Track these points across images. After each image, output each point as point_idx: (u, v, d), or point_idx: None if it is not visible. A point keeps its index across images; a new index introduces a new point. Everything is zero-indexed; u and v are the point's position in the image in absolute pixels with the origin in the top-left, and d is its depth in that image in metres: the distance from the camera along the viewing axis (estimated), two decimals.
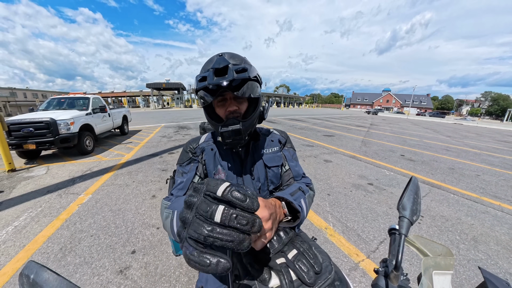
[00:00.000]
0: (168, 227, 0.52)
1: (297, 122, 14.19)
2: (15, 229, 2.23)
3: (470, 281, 1.70)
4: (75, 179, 3.60)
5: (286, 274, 0.46)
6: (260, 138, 0.82)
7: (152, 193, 3.06)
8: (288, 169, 0.82)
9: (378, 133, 10.44)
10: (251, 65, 0.66)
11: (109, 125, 6.71)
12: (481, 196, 3.36)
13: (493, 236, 2.33)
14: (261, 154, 0.79)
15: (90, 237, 2.10)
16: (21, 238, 2.10)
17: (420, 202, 0.50)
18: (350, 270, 1.76)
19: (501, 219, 2.70)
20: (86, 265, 1.76)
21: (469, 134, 13.16)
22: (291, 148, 0.88)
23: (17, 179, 3.60)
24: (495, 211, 2.89)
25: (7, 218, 2.43)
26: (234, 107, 0.68)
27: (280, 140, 0.86)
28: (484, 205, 3.07)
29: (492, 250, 2.09)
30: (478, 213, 2.83)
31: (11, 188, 3.24)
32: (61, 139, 4.54)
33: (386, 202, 2.93)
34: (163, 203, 0.64)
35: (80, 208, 2.65)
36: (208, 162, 0.76)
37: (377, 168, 4.53)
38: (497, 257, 1.99)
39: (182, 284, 1.60)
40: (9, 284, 1.59)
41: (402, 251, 0.40)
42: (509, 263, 1.92)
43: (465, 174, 4.48)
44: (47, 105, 5.96)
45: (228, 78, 0.58)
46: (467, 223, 2.55)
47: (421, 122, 21.67)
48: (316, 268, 0.45)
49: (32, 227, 2.27)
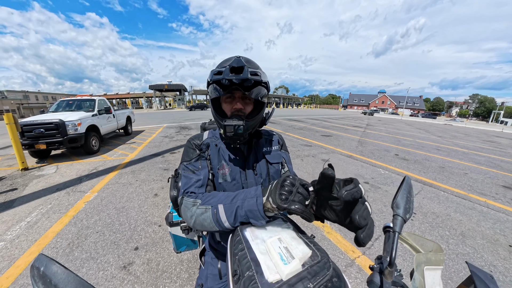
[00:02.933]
0: (208, 221, 0.56)
1: (296, 122, 14.18)
2: (27, 225, 2.26)
3: (459, 274, 1.73)
4: (82, 177, 3.61)
5: None
6: (262, 137, 0.84)
7: (155, 192, 3.05)
8: (287, 170, 0.84)
9: (374, 133, 10.47)
10: (264, 73, 0.69)
11: (113, 125, 6.69)
12: (469, 193, 3.40)
13: (479, 231, 2.36)
14: (263, 152, 0.80)
15: (95, 234, 2.11)
16: (32, 233, 2.12)
17: (413, 201, 0.51)
18: (347, 266, 1.76)
19: (486, 214, 2.74)
20: (92, 260, 1.77)
21: (458, 134, 13.25)
22: (287, 152, 0.90)
23: (29, 177, 3.63)
24: (481, 207, 2.93)
25: (21, 214, 2.47)
26: (240, 106, 0.69)
27: (279, 141, 0.88)
28: (472, 201, 3.11)
29: (478, 244, 2.12)
30: (466, 209, 2.86)
31: (24, 185, 3.28)
32: (69, 139, 4.57)
33: (381, 200, 2.96)
34: (187, 201, 0.62)
35: (87, 206, 2.65)
36: (213, 157, 0.76)
37: (373, 167, 4.55)
38: (482, 251, 2.03)
39: (183, 280, 1.60)
40: (22, 276, 1.61)
41: (396, 248, 0.41)
42: (493, 256, 1.96)
43: (454, 172, 4.52)
44: (56, 107, 5.97)
45: (242, 77, 0.61)
46: (456, 219, 2.58)
47: (414, 123, 21.74)
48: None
49: (43, 223, 2.29)
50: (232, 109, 0.70)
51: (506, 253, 2.00)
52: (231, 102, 0.71)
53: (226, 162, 0.75)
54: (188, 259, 1.81)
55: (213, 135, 0.82)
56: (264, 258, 0.42)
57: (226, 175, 0.74)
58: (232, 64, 0.63)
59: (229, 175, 0.74)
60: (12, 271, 1.65)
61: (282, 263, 0.39)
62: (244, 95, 0.69)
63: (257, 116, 0.71)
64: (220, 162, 0.76)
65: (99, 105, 6.04)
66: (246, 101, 0.71)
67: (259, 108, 0.74)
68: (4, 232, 2.14)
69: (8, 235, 2.08)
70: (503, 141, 11.17)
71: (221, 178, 0.74)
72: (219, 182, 0.74)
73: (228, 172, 0.74)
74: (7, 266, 1.70)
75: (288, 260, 0.40)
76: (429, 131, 13.87)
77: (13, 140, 3.86)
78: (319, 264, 0.39)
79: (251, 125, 0.69)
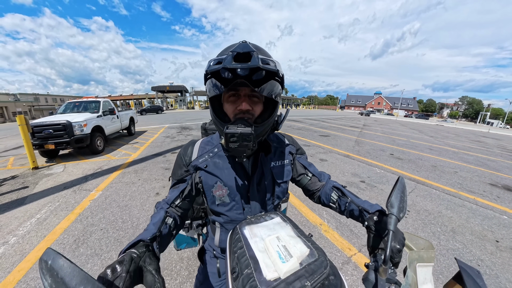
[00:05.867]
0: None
1: (295, 122, 14.12)
2: (37, 221, 2.29)
3: (449, 268, 1.74)
4: (87, 176, 3.60)
5: None
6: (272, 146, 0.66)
7: (156, 191, 3.05)
8: (311, 176, 0.70)
9: (370, 133, 10.46)
10: (278, 62, 0.49)
11: (117, 126, 6.67)
12: (459, 191, 3.42)
13: (469, 227, 2.38)
14: (270, 168, 0.64)
15: (100, 231, 2.11)
16: (42, 229, 2.14)
17: (406, 200, 0.51)
18: (343, 264, 1.75)
19: (475, 211, 2.76)
20: (96, 256, 1.77)
21: (449, 134, 13.30)
22: (303, 154, 0.76)
23: (39, 176, 3.67)
24: (470, 205, 2.95)
25: (31, 211, 2.50)
26: (247, 107, 0.52)
27: (291, 151, 0.71)
28: (461, 199, 3.13)
29: (467, 240, 2.14)
30: (456, 206, 2.88)
31: (35, 184, 3.33)
32: (76, 140, 4.59)
33: (376, 199, 2.96)
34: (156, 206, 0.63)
35: (92, 204, 2.64)
36: (205, 178, 0.61)
37: (369, 166, 4.55)
38: (471, 246, 2.04)
39: (183, 277, 1.59)
40: (32, 270, 1.63)
41: (390, 246, 0.41)
42: (481, 251, 1.98)
43: (445, 171, 4.54)
44: (64, 108, 5.97)
45: (251, 65, 0.43)
46: (447, 216, 2.59)
47: (408, 123, 21.74)
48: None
49: (51, 220, 2.31)
50: (236, 110, 0.53)
51: (493, 248, 2.03)
52: (235, 102, 0.54)
53: (224, 182, 0.60)
54: (188, 257, 1.80)
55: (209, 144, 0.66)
56: (263, 256, 0.42)
57: (224, 196, 0.61)
58: (236, 50, 0.45)
59: (227, 196, 0.61)
60: (24, 264, 1.68)
61: (280, 261, 0.39)
62: (252, 91, 0.52)
63: (269, 120, 0.54)
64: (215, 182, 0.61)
65: (103, 107, 6.02)
66: (254, 99, 0.54)
67: (271, 108, 0.56)
68: (16, 227, 2.18)
69: (20, 231, 2.12)
70: (489, 141, 11.30)
71: (218, 200, 0.61)
72: (217, 204, 0.62)
73: (226, 194, 0.61)
74: (19, 260, 1.74)
75: (286, 258, 0.40)
76: (422, 131, 13.90)
77: (25, 140, 3.92)
78: (316, 263, 0.39)
79: (261, 131, 0.53)
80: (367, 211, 0.55)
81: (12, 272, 1.61)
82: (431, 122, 30.89)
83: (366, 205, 0.57)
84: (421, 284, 0.41)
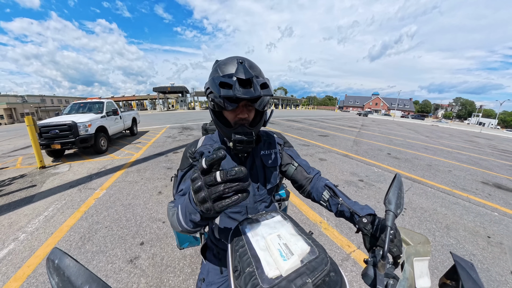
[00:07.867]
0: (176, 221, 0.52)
1: (294, 123, 14.05)
2: (45, 219, 2.30)
3: (443, 263, 1.76)
4: (92, 175, 3.60)
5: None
6: (261, 140, 0.79)
7: (159, 190, 3.05)
8: (297, 165, 0.79)
9: (368, 133, 10.44)
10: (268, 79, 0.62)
11: (120, 126, 6.65)
12: (453, 189, 3.43)
13: (462, 223, 2.39)
14: (260, 155, 0.75)
15: (104, 228, 2.11)
16: (49, 227, 2.15)
17: (403, 197, 0.51)
18: (343, 260, 1.76)
19: (468, 208, 2.78)
20: (102, 253, 1.77)
21: (443, 134, 13.33)
22: (291, 147, 0.85)
23: (46, 175, 3.68)
24: (463, 202, 2.97)
25: (39, 209, 2.51)
26: (245, 115, 0.64)
27: (279, 142, 0.82)
28: (455, 196, 3.14)
29: (461, 236, 2.16)
30: (450, 204, 2.89)
31: (42, 182, 3.35)
32: (81, 140, 4.59)
33: (374, 197, 2.96)
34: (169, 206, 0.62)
35: (97, 202, 2.65)
36: None
37: (367, 165, 4.55)
38: (464, 242, 2.07)
39: (186, 275, 1.59)
40: (41, 265, 1.65)
41: (388, 241, 0.41)
42: (473, 246, 2.01)
43: (440, 169, 4.55)
44: (69, 109, 5.96)
45: (255, 94, 0.54)
46: (442, 213, 2.60)
47: (405, 124, 21.73)
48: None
49: (58, 217, 2.32)
50: (236, 117, 0.65)
51: (484, 243, 2.05)
52: (234, 111, 0.65)
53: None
54: (191, 254, 1.81)
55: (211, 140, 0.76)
56: (264, 254, 0.42)
57: None
58: (239, 75, 0.55)
59: None
60: (33, 260, 1.70)
61: (282, 259, 0.39)
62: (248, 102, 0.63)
63: (260, 122, 0.68)
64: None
65: (107, 107, 6.00)
66: (249, 108, 0.66)
67: (261, 113, 0.70)
68: (25, 224, 2.19)
69: (29, 228, 2.14)
70: (481, 141, 11.39)
71: None
72: None
73: None
74: (28, 255, 1.75)
75: (288, 256, 0.40)
76: (418, 131, 13.91)
77: (33, 140, 3.94)
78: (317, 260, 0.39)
79: (257, 132, 0.67)
80: (358, 214, 0.57)
81: (22, 267, 1.63)
82: (426, 122, 30.89)
83: (356, 208, 0.59)
84: (418, 277, 0.42)
